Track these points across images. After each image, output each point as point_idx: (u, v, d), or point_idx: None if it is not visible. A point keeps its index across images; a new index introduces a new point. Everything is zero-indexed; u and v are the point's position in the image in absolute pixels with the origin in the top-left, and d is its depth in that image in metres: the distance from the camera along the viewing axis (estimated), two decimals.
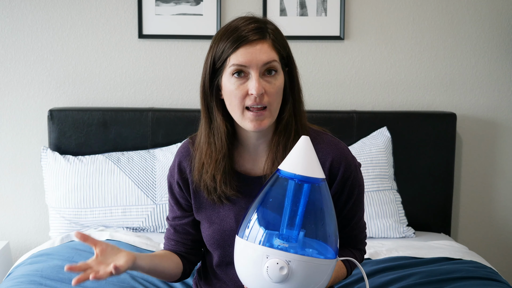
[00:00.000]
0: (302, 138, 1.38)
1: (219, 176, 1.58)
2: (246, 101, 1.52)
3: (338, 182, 1.59)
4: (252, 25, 1.53)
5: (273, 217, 1.37)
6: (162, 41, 2.90)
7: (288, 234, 1.36)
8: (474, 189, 3.01)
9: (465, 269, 2.15)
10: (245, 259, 1.37)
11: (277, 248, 1.33)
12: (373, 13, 2.92)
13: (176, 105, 2.93)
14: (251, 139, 1.61)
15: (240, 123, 1.55)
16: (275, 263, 1.32)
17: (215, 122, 1.58)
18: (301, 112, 1.61)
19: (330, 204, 1.39)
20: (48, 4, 2.87)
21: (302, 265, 1.33)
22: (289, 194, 1.36)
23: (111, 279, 2.06)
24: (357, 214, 1.65)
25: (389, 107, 2.95)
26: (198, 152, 1.61)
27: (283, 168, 1.37)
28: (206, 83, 1.57)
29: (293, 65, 1.59)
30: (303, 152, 1.36)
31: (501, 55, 2.95)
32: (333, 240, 1.38)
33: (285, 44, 1.58)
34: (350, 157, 1.62)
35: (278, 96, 1.54)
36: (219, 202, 1.62)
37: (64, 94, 2.91)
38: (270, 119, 1.53)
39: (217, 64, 1.54)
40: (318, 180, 1.36)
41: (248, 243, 1.36)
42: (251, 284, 1.38)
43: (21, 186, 2.93)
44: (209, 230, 1.65)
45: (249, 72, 1.51)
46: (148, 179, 2.67)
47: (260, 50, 1.51)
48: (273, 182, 1.38)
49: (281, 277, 1.32)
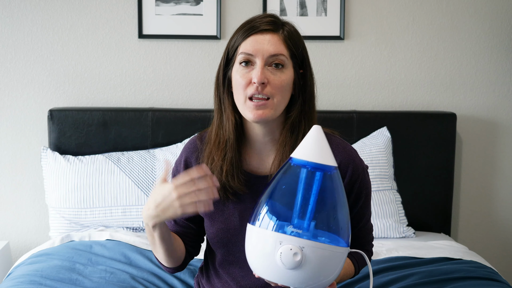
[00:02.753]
0: (314, 127, 1.37)
1: (226, 168, 1.59)
2: (248, 90, 1.53)
3: (346, 185, 1.59)
4: (268, 18, 1.56)
5: (285, 205, 1.35)
6: (162, 41, 2.90)
7: (300, 222, 1.34)
8: (474, 189, 3.01)
9: (465, 269, 2.15)
10: (257, 247, 1.35)
11: (290, 234, 1.32)
12: (373, 13, 2.92)
13: (176, 105, 2.93)
14: (257, 136, 1.61)
15: (242, 113, 1.56)
16: (289, 249, 1.30)
17: (224, 113, 1.60)
18: (312, 115, 1.61)
19: (343, 193, 1.37)
20: (48, 4, 2.87)
21: (316, 252, 1.31)
22: (301, 181, 1.34)
23: (111, 279, 2.06)
24: (365, 216, 1.66)
25: (389, 107, 2.95)
26: (208, 143, 1.63)
27: (296, 156, 1.36)
28: (220, 74, 1.60)
29: (307, 68, 1.60)
30: (315, 140, 1.35)
31: (501, 55, 2.95)
32: (346, 229, 1.37)
33: (300, 45, 1.59)
34: (358, 160, 1.62)
35: (282, 89, 1.54)
36: (225, 197, 1.62)
37: (64, 94, 2.91)
38: (272, 111, 1.53)
39: (230, 54, 1.57)
40: (331, 168, 1.35)
41: (260, 230, 1.34)
42: (264, 272, 1.36)
43: (21, 186, 2.93)
44: (213, 228, 1.65)
45: (255, 62, 1.53)
46: (148, 179, 2.67)
47: (268, 41, 1.53)
48: (285, 170, 1.37)
49: (294, 263, 1.31)
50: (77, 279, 2.04)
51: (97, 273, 2.10)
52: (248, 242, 1.39)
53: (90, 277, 2.07)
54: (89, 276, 2.07)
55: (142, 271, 2.14)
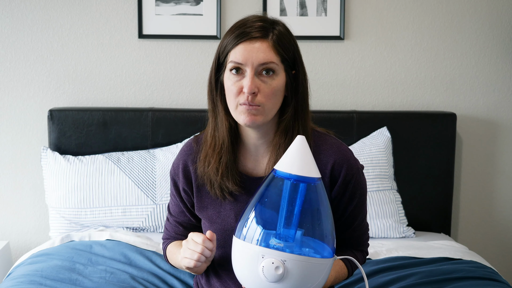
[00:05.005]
0: (297, 138, 1.38)
1: (221, 170, 1.60)
2: (240, 98, 1.53)
3: (340, 184, 1.59)
4: (258, 23, 1.55)
5: (270, 217, 1.38)
6: (162, 41, 2.90)
7: (285, 233, 1.36)
8: (474, 189, 3.01)
9: (465, 269, 2.15)
10: (242, 259, 1.38)
11: (272, 247, 1.34)
12: (373, 13, 2.92)
13: (176, 105, 2.93)
14: (252, 139, 1.62)
15: (235, 118, 1.56)
16: (271, 262, 1.33)
17: (218, 117, 1.61)
18: (305, 115, 1.61)
19: (327, 203, 1.40)
20: (48, 4, 2.87)
21: (297, 265, 1.33)
22: (285, 193, 1.37)
23: (111, 279, 2.06)
24: (359, 216, 1.66)
25: (389, 107, 2.95)
26: (204, 145, 1.64)
27: (279, 168, 1.37)
28: (212, 77, 1.61)
29: (299, 68, 1.59)
30: (298, 152, 1.37)
31: (501, 55, 2.95)
32: (330, 239, 1.39)
33: (290, 47, 1.57)
34: (353, 160, 1.62)
35: (273, 96, 1.54)
36: (221, 197, 1.63)
37: (64, 94, 2.91)
38: (263, 117, 1.54)
39: (221, 58, 1.57)
40: (313, 179, 1.37)
41: (244, 243, 1.37)
42: (248, 284, 1.39)
43: (21, 186, 2.93)
44: (210, 229, 1.65)
45: (245, 70, 1.52)
46: (148, 179, 2.67)
47: (258, 49, 1.52)
48: (269, 182, 1.39)
49: (276, 277, 1.33)
50: (77, 279, 2.04)
51: (97, 273, 2.10)
52: (233, 253, 1.42)
53: (90, 277, 2.07)
54: (89, 276, 2.07)
55: (142, 271, 2.14)
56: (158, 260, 2.20)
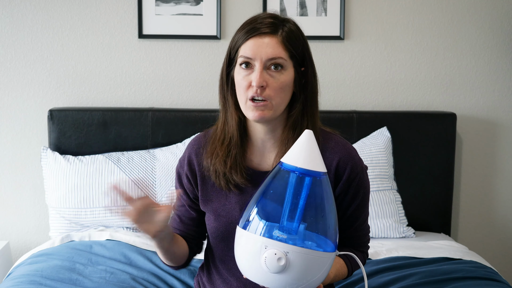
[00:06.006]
0: (305, 132, 1.40)
1: (230, 163, 1.62)
2: (249, 92, 1.55)
3: (344, 182, 1.60)
4: (268, 19, 1.58)
5: (274, 209, 1.39)
6: (162, 41, 2.90)
7: (289, 226, 1.37)
8: (474, 189, 3.01)
9: (465, 269, 2.15)
10: (244, 249, 1.39)
11: (276, 239, 1.35)
12: (373, 13, 2.92)
13: (176, 105, 2.93)
14: (259, 134, 1.64)
15: (244, 112, 1.59)
16: (273, 253, 1.33)
17: (229, 111, 1.63)
18: (314, 112, 1.63)
19: (331, 198, 1.40)
20: (48, 4, 2.87)
21: (300, 257, 1.34)
22: (290, 186, 1.37)
23: (111, 279, 2.06)
24: (361, 216, 1.66)
25: (389, 107, 2.95)
26: (212, 138, 1.67)
27: (285, 161, 1.38)
28: (223, 72, 1.64)
29: (308, 66, 1.61)
30: (305, 146, 1.38)
31: (501, 55, 2.95)
32: (333, 233, 1.40)
33: (299, 44, 1.60)
34: (357, 159, 1.64)
35: (281, 91, 1.56)
36: (226, 188, 1.64)
37: (64, 94, 2.91)
38: (271, 112, 1.56)
39: (232, 53, 1.60)
40: (319, 173, 1.37)
41: (248, 233, 1.38)
42: (251, 274, 1.39)
43: (21, 186, 2.93)
44: (214, 222, 1.67)
45: (254, 64, 1.55)
46: (148, 179, 2.67)
47: (267, 44, 1.55)
48: (275, 174, 1.40)
49: (279, 268, 1.34)
50: (77, 279, 2.04)
51: (97, 273, 2.10)
52: (236, 243, 1.43)
53: (90, 277, 2.07)
54: (89, 276, 2.07)
55: (142, 271, 2.14)
56: (158, 260, 2.20)
